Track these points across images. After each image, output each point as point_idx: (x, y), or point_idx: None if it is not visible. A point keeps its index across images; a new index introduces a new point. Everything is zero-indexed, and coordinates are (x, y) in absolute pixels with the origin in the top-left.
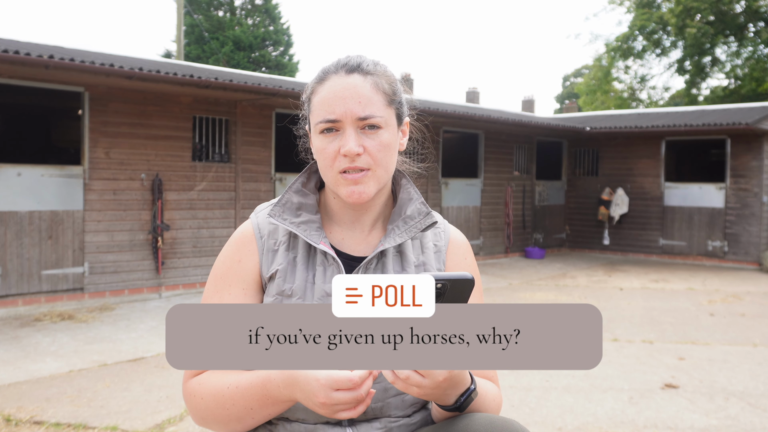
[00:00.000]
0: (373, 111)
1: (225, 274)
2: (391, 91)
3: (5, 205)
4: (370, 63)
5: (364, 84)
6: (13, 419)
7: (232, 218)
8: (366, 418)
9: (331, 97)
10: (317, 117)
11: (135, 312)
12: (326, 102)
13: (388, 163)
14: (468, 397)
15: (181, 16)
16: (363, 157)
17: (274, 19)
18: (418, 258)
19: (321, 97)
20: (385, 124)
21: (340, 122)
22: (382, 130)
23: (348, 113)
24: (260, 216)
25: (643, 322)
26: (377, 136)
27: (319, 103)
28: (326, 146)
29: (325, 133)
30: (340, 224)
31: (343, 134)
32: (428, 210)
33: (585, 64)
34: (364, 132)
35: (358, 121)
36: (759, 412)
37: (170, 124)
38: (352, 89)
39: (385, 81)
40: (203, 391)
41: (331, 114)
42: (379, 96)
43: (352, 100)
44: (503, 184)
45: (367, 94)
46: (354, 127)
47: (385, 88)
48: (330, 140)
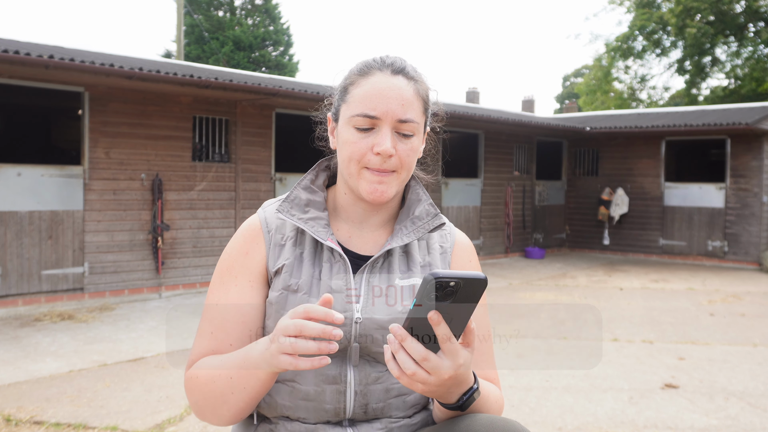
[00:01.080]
0: (413, 116)
1: (231, 267)
2: (428, 99)
3: (5, 205)
4: (412, 68)
5: (408, 88)
6: (13, 419)
7: (232, 218)
8: (367, 419)
9: (374, 93)
10: (355, 109)
11: (135, 312)
12: (369, 97)
13: (412, 167)
14: (470, 396)
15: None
16: (393, 159)
17: (274, 19)
18: (424, 258)
19: (363, 90)
20: (417, 132)
21: (379, 120)
22: (414, 137)
23: (389, 113)
24: (268, 210)
25: (643, 322)
26: (409, 142)
27: (360, 96)
28: (358, 141)
29: (359, 128)
30: (347, 222)
31: (378, 133)
32: (436, 211)
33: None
34: (398, 136)
35: (397, 123)
36: (759, 412)
37: (170, 124)
38: (396, 90)
39: (424, 89)
40: (199, 372)
41: (373, 110)
42: (418, 102)
43: (395, 101)
44: (503, 184)
45: (409, 98)
46: (391, 128)
47: (423, 95)
48: (363, 136)
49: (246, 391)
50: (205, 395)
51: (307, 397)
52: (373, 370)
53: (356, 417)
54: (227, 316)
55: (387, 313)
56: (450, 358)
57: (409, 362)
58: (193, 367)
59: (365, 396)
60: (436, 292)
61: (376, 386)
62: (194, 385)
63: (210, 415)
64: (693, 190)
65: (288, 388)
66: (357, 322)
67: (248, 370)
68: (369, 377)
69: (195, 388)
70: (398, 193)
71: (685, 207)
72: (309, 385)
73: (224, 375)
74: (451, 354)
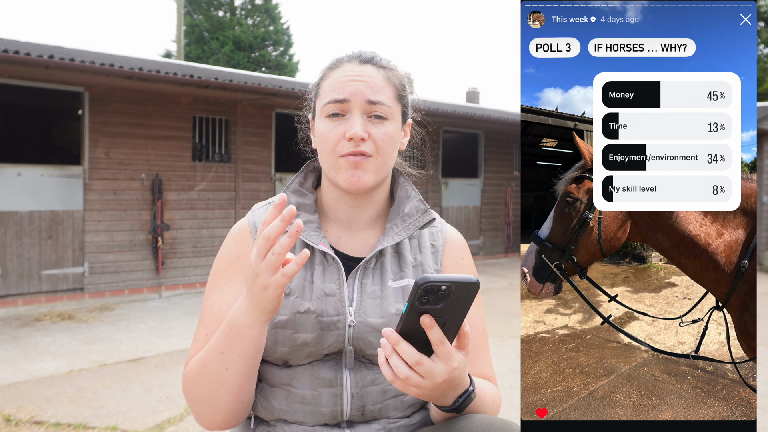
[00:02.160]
0: (382, 98)
1: (225, 270)
2: (401, 87)
3: (5, 205)
4: (383, 58)
5: (377, 74)
6: (13, 419)
7: (232, 218)
8: (364, 420)
9: (342, 80)
10: (325, 98)
11: (135, 312)
12: (336, 83)
13: (389, 155)
14: (466, 398)
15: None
16: (367, 143)
17: (274, 19)
18: (416, 258)
19: (331, 80)
20: (392, 117)
21: (349, 103)
22: (388, 122)
23: (357, 94)
24: (257, 214)
25: None
26: (383, 126)
27: (329, 86)
28: (330, 130)
29: (331, 117)
30: (336, 223)
31: (349, 119)
32: (426, 207)
33: None
34: (371, 120)
35: (367, 105)
36: (759, 412)
37: (170, 124)
38: (364, 75)
39: (396, 77)
40: (191, 366)
41: (341, 94)
42: (389, 88)
43: (363, 83)
44: (503, 184)
45: (378, 83)
46: (361, 111)
47: (395, 82)
48: (335, 125)
49: (240, 359)
50: (201, 384)
51: (304, 401)
52: (369, 372)
53: (354, 419)
54: (222, 318)
55: (380, 316)
56: (444, 361)
57: (403, 366)
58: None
59: (362, 398)
60: (427, 296)
61: (372, 388)
62: (189, 381)
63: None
64: None
65: (284, 392)
66: (350, 325)
67: (237, 334)
68: (365, 379)
69: (191, 383)
70: (384, 190)
71: None
72: (305, 389)
73: (214, 352)
74: (444, 357)
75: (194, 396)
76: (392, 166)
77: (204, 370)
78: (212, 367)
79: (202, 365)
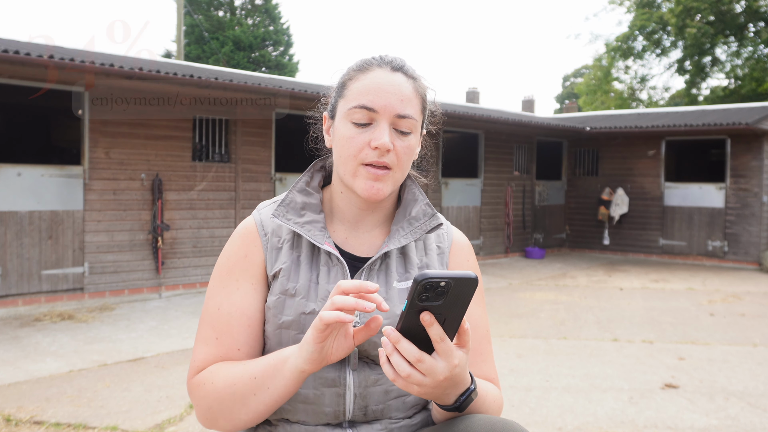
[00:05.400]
0: (411, 112)
1: (231, 270)
2: (425, 99)
3: (5, 205)
4: (411, 67)
5: (407, 84)
6: (13, 419)
7: (232, 218)
8: (367, 420)
9: (373, 87)
10: (353, 102)
11: (135, 312)
12: (368, 90)
13: (407, 167)
14: (468, 397)
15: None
16: (390, 155)
17: (274, 19)
18: (422, 260)
19: (362, 85)
20: (415, 130)
21: (377, 114)
22: (412, 135)
23: (388, 107)
24: (263, 213)
25: (643, 322)
26: (407, 140)
27: (358, 89)
28: (355, 136)
29: (356, 123)
30: (343, 223)
31: (376, 128)
32: (433, 211)
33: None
34: (396, 132)
35: (396, 118)
36: (759, 412)
37: (170, 124)
38: (396, 86)
39: (422, 88)
40: (215, 377)
41: (371, 103)
42: (417, 100)
43: (394, 95)
44: (503, 184)
45: (408, 95)
46: (389, 123)
47: (422, 94)
48: (360, 131)
49: (269, 391)
50: (222, 399)
51: (306, 400)
52: (372, 373)
53: (356, 419)
54: (232, 320)
55: (385, 317)
56: (445, 359)
57: (404, 364)
58: (204, 372)
59: (365, 398)
60: (427, 293)
61: (375, 388)
62: (207, 390)
63: (223, 421)
64: (693, 190)
65: None
66: (355, 326)
67: (275, 369)
68: (368, 379)
69: (209, 394)
70: (393, 193)
71: (685, 207)
72: (308, 389)
73: (247, 376)
74: (445, 355)
75: (209, 407)
76: (407, 174)
77: (231, 387)
78: (240, 388)
79: (230, 383)
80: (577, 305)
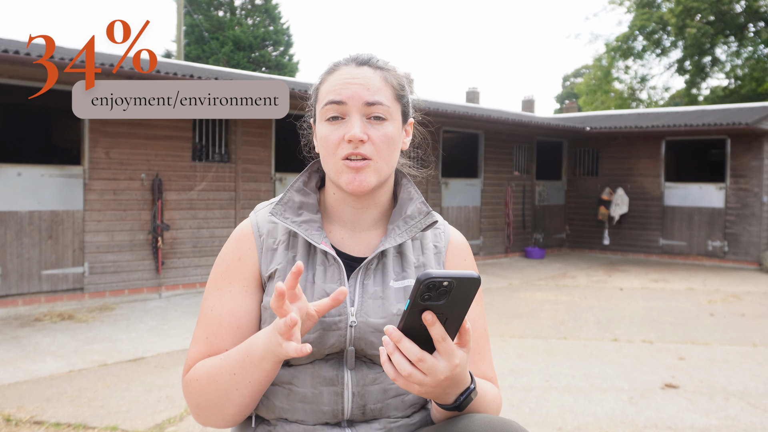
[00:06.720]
0: (381, 98)
1: (225, 272)
2: (399, 87)
3: (5, 205)
4: (380, 59)
5: (374, 75)
6: (13, 419)
7: (232, 218)
8: (365, 419)
9: (339, 83)
10: (323, 101)
11: (135, 312)
12: (334, 87)
13: (390, 156)
14: (467, 396)
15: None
16: (366, 146)
17: (274, 19)
18: (419, 259)
19: (329, 84)
20: (391, 117)
21: (346, 105)
22: (387, 122)
23: (355, 96)
24: (260, 214)
25: (643, 322)
26: (382, 128)
27: (326, 89)
28: (330, 133)
29: (331, 120)
30: (339, 223)
31: (348, 121)
32: (428, 209)
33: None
34: (370, 122)
35: (365, 106)
36: (759, 412)
37: (170, 124)
38: (362, 77)
39: (394, 77)
40: (199, 373)
41: (338, 95)
42: (387, 88)
43: (360, 86)
44: (503, 184)
45: (375, 84)
46: (360, 113)
47: (393, 82)
48: (335, 128)
49: (251, 385)
50: (208, 395)
51: (305, 400)
52: (370, 372)
53: (354, 418)
54: (222, 322)
55: (382, 316)
56: (446, 358)
57: (405, 363)
58: (192, 370)
59: (363, 397)
60: (429, 293)
61: (373, 387)
62: (195, 387)
63: (213, 417)
64: (693, 190)
65: (285, 390)
66: (352, 325)
67: (252, 363)
68: (366, 378)
69: (196, 391)
70: (387, 191)
71: (685, 207)
72: (306, 388)
73: (227, 371)
74: (446, 354)
75: (198, 403)
76: (394, 166)
77: (213, 384)
78: (222, 384)
79: (212, 379)
80: (577, 305)
